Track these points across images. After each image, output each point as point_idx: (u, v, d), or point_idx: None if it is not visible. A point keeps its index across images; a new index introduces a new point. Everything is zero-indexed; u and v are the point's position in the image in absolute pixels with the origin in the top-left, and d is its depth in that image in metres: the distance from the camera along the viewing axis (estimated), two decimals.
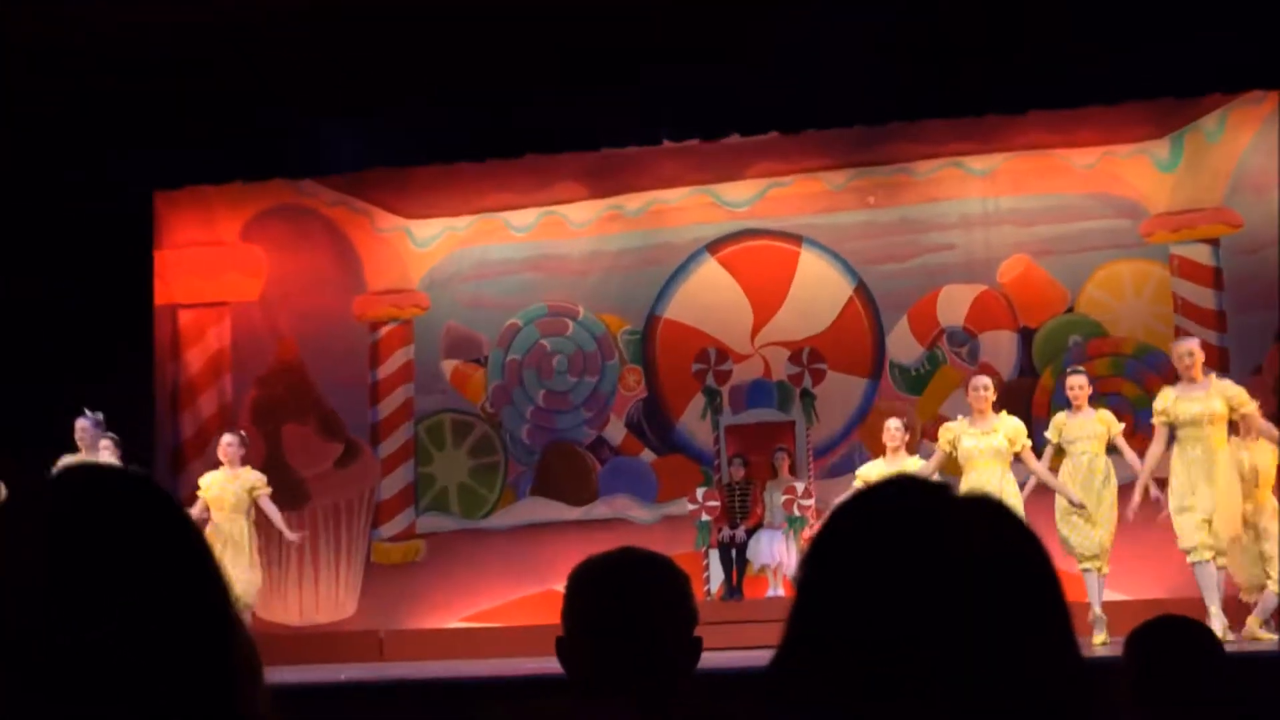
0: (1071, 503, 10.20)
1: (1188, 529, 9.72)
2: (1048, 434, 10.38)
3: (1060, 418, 10.48)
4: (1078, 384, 10.50)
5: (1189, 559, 9.73)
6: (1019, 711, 1.22)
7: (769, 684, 1.29)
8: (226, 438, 11.73)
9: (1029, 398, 12.68)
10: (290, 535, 11.71)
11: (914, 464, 10.67)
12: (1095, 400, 10.64)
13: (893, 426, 10.88)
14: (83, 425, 11.31)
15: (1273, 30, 9.89)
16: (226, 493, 11.41)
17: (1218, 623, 9.28)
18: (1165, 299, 12.75)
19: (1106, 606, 10.14)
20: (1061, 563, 10.17)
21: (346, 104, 11.83)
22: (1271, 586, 9.98)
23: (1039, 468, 10.41)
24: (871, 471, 10.72)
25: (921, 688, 1.21)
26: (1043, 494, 10.34)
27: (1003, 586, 1.24)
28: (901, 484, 1.32)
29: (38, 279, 13.05)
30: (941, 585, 1.23)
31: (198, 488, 11.57)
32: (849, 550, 1.29)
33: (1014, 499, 9.92)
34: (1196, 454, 9.75)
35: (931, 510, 1.29)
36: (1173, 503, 9.83)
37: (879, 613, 1.23)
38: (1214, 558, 9.65)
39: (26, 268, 13.10)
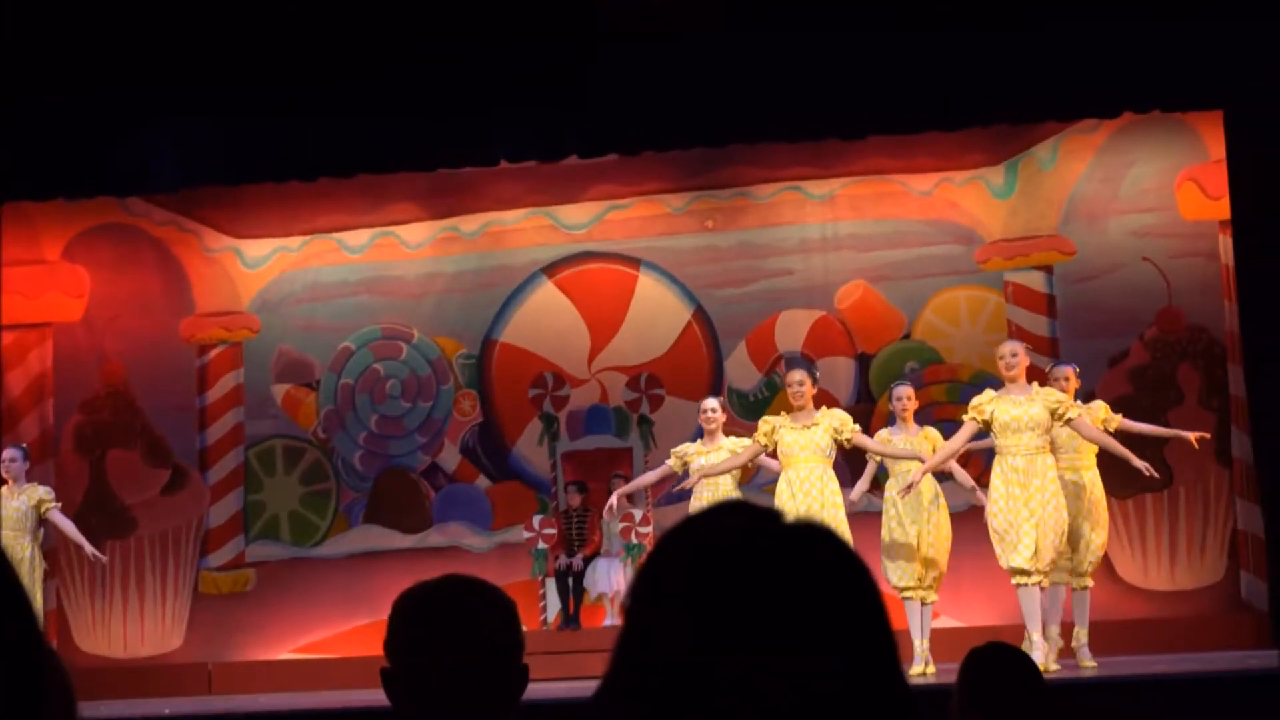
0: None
1: (1008, 551, 9.68)
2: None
3: (884, 434, 10.54)
4: (905, 394, 10.56)
5: (1012, 581, 9.76)
6: None
7: (593, 712, 1.30)
8: (7, 452, 11.43)
9: (866, 423, 12.81)
10: (91, 551, 11.29)
11: (730, 444, 10.59)
12: (931, 423, 10.81)
13: (709, 407, 10.76)
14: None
15: (1105, 61, 10.11)
16: (9, 511, 11.08)
17: (1039, 651, 9.32)
18: (1000, 325, 12.97)
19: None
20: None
21: (173, 118, 11.64)
22: (1076, 584, 10.17)
23: (875, 444, 10.34)
24: (688, 450, 10.69)
25: (746, 717, 1.22)
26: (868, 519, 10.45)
27: (828, 615, 1.25)
28: (729, 510, 1.32)
29: None
30: (766, 612, 1.24)
31: None
32: (674, 577, 1.28)
33: (835, 496, 9.93)
34: (1017, 464, 9.70)
35: (758, 536, 1.28)
36: (992, 521, 9.76)
37: (702, 640, 1.23)
38: (1039, 581, 9.68)
39: None
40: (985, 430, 9.84)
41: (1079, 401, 10.17)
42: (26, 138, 11.74)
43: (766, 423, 10.23)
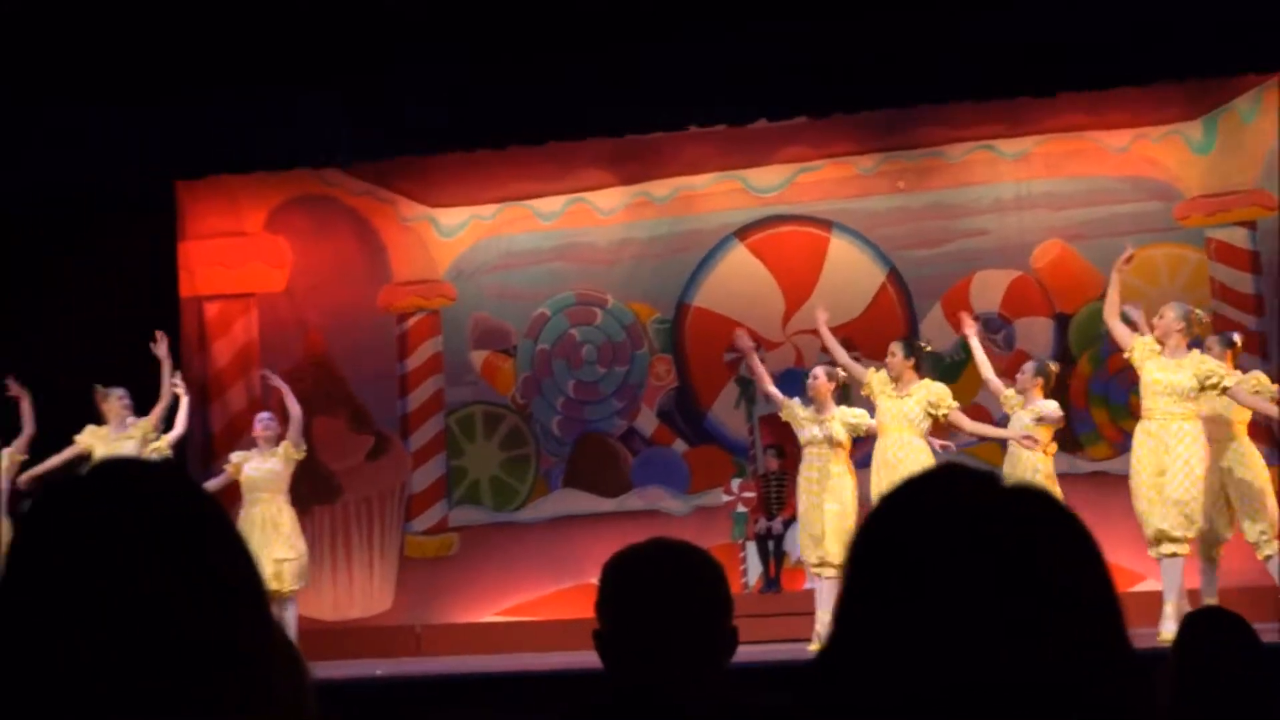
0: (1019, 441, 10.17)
1: (1146, 518, 9.69)
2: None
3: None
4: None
5: (1150, 552, 9.74)
6: (1072, 704, 1.24)
7: (816, 678, 1.32)
8: (263, 415, 11.86)
9: (1066, 385, 12.73)
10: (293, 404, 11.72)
11: (841, 413, 10.57)
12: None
13: (814, 374, 10.74)
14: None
15: None
16: (261, 474, 11.47)
17: (1170, 622, 9.20)
18: (1202, 283, 12.75)
19: None
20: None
21: (368, 91, 11.90)
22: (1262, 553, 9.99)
23: (971, 425, 10.41)
24: (798, 412, 10.68)
25: (972, 683, 1.23)
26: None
27: (1052, 578, 1.26)
28: (949, 474, 1.34)
29: (62, 274, 13.21)
30: (990, 577, 1.25)
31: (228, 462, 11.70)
32: (894, 543, 1.30)
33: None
34: (1151, 428, 9.72)
35: (979, 500, 1.30)
36: (1133, 486, 9.78)
37: (926, 607, 1.25)
38: (1171, 551, 9.60)
39: (51, 263, 13.27)
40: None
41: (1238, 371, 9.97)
42: (225, 112, 12.08)
43: (872, 375, 10.42)
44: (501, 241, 14.36)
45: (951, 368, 12.96)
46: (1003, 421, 10.66)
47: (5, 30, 11.59)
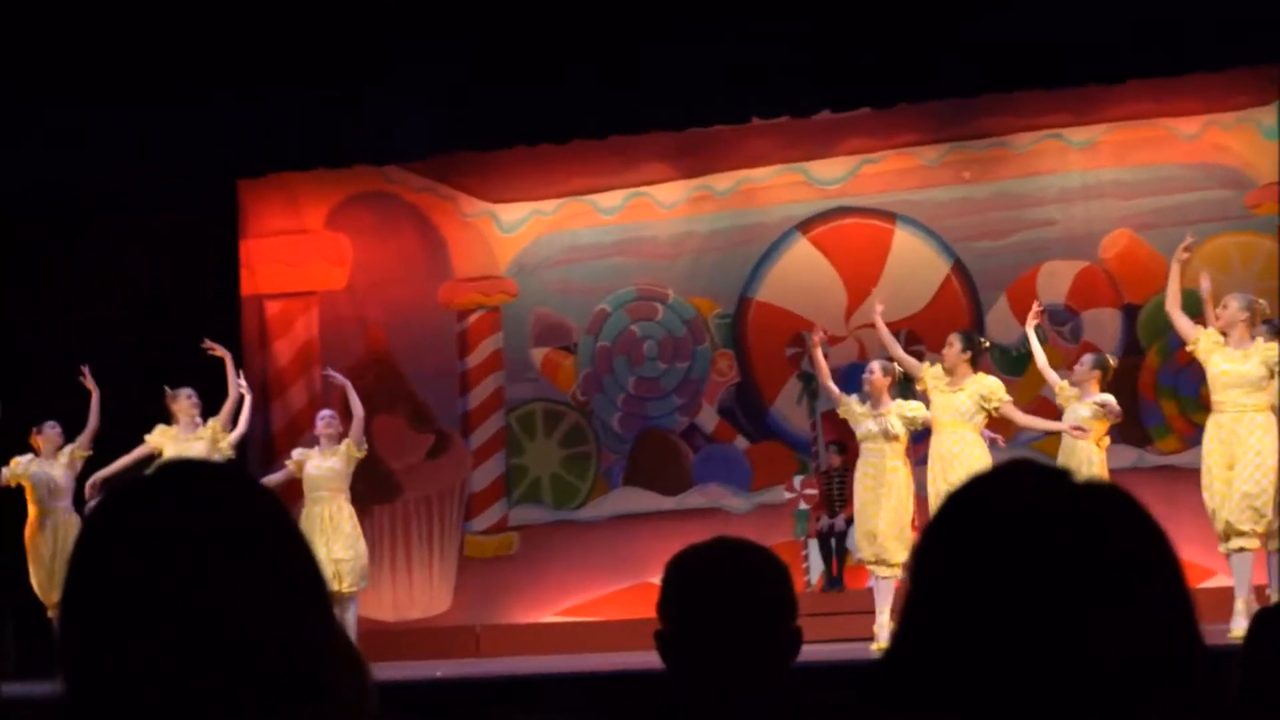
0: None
1: (1216, 513, 9.58)
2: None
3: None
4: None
5: (1220, 548, 9.63)
6: (1143, 702, 1.23)
7: (883, 677, 1.30)
8: (324, 413, 11.84)
9: (1134, 377, 12.58)
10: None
11: (897, 407, 10.50)
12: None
13: (870, 368, 10.72)
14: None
15: None
16: (323, 473, 11.42)
17: (1240, 618, 9.06)
18: (1274, 272, 12.53)
19: None
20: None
21: (427, 86, 11.89)
22: None
23: (1023, 418, 10.37)
24: (854, 408, 10.60)
25: (1040, 682, 1.22)
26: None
27: (1123, 575, 1.25)
28: (1016, 469, 1.32)
29: (125, 272, 13.24)
30: (1059, 575, 1.24)
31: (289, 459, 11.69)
32: (964, 540, 1.29)
33: (978, 463, 9.82)
34: (1224, 421, 9.59)
35: (1048, 497, 1.29)
36: (1203, 480, 9.66)
37: (994, 605, 1.24)
38: (1239, 545, 9.48)
39: (112, 262, 13.30)
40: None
41: None
42: (285, 110, 12.10)
43: (927, 370, 10.40)
44: (563, 237, 14.34)
45: (1018, 360, 12.82)
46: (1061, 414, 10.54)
47: (61, 30, 11.62)
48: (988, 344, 10.93)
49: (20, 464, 11.66)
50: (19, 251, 13.23)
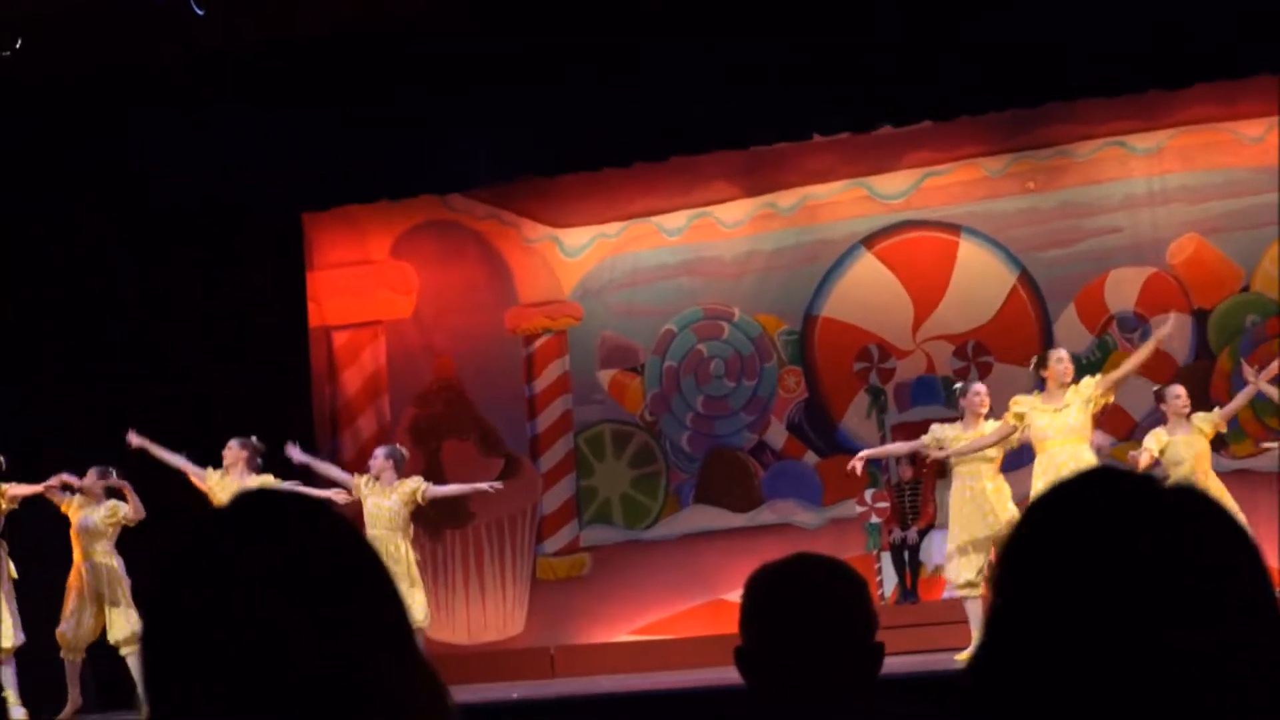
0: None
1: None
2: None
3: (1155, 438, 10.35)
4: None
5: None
6: (1228, 709, 1.20)
7: (969, 689, 1.28)
8: (379, 450, 11.66)
9: (1206, 381, 12.47)
10: (487, 485, 11.79)
11: (989, 427, 10.42)
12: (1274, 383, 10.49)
13: (979, 390, 10.70)
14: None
15: None
16: (381, 510, 11.22)
17: None
18: None
19: None
20: None
21: (488, 115, 11.95)
22: None
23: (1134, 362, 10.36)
24: (948, 433, 10.53)
25: (1126, 689, 1.21)
26: None
27: (1213, 586, 1.23)
28: (1103, 478, 1.31)
29: (192, 307, 13.33)
30: (1149, 586, 1.22)
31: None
32: (1049, 550, 1.27)
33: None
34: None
35: (1136, 505, 1.27)
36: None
37: (1083, 615, 1.22)
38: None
39: (180, 296, 13.39)
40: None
41: None
42: (348, 143, 12.19)
43: (1018, 403, 10.24)
44: (627, 259, 14.33)
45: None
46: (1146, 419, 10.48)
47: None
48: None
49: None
50: (94, 280, 13.29)
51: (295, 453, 11.59)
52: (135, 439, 11.56)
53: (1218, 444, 11.13)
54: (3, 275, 12.98)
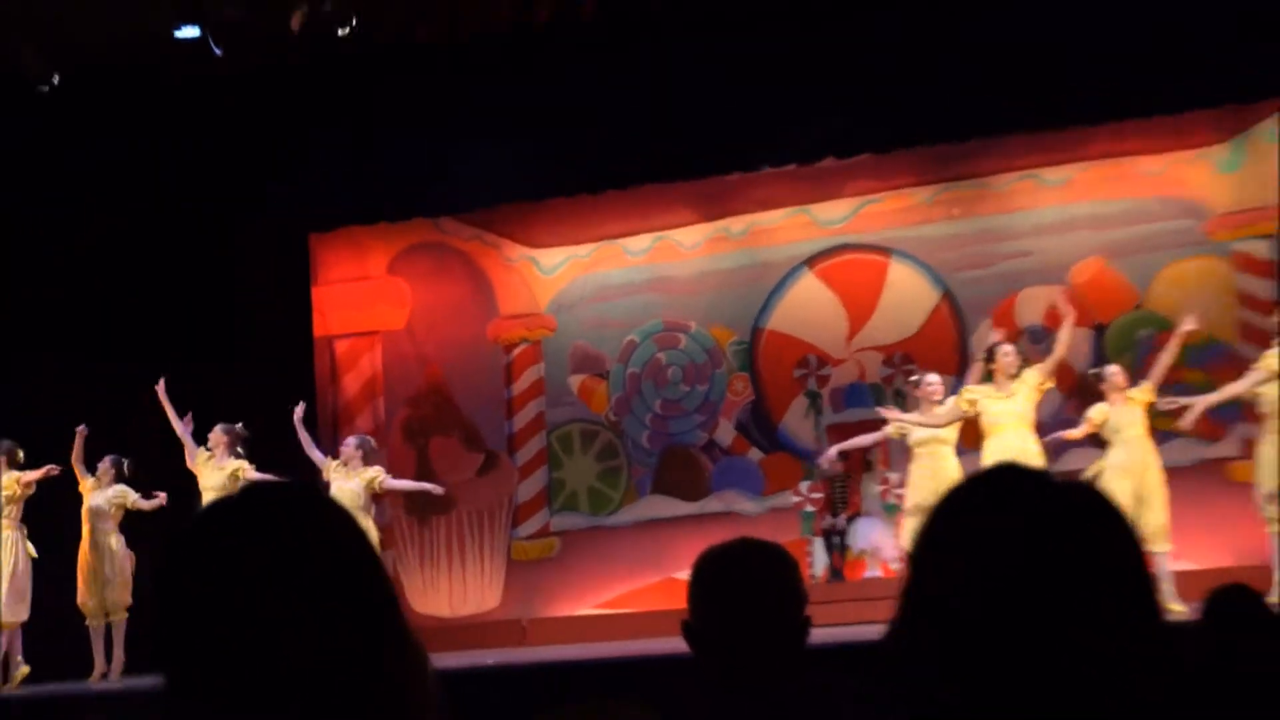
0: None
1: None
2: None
3: (1101, 408, 10.33)
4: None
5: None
6: (1107, 681, 1.21)
7: (883, 656, 1.30)
8: (350, 440, 11.62)
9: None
10: (433, 487, 11.77)
11: (942, 410, 10.44)
12: (1163, 389, 10.51)
13: (931, 381, 10.73)
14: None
15: None
16: (344, 492, 11.09)
17: None
18: (1228, 292, 12.50)
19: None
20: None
21: (476, 149, 11.98)
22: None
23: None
24: (908, 422, 10.61)
25: (1016, 659, 1.22)
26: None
27: (1093, 567, 1.24)
28: (1004, 470, 1.33)
29: (208, 320, 13.24)
30: (1034, 564, 1.23)
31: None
32: (952, 532, 1.29)
33: (1035, 459, 9.67)
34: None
35: (1025, 494, 1.28)
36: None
37: (978, 591, 1.24)
38: None
39: (198, 311, 13.30)
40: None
41: None
42: (350, 172, 12.20)
43: (970, 391, 10.30)
44: (597, 277, 14.32)
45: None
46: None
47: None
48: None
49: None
50: (95, 281, 13.14)
51: (298, 412, 11.61)
52: (161, 389, 11.51)
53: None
54: (3, 275, 12.82)
